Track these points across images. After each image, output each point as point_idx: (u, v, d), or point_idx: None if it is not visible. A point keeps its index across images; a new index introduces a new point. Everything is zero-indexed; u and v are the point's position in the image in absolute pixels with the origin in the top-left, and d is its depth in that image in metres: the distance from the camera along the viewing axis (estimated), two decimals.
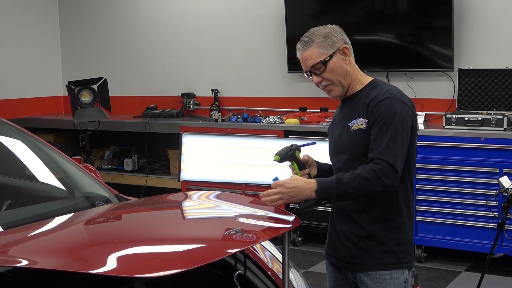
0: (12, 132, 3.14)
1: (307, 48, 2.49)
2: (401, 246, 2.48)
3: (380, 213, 2.46)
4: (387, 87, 2.49)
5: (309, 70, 2.50)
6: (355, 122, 2.47)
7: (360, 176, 2.33)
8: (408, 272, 2.51)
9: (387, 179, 2.33)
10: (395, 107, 2.40)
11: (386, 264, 2.47)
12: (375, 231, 2.46)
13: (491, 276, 4.66)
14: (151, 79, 7.10)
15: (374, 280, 2.47)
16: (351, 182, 2.34)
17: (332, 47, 2.48)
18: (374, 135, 2.40)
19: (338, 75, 2.49)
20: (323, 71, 2.48)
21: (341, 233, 2.55)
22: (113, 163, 6.93)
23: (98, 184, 3.10)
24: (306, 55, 2.49)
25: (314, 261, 5.22)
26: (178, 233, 2.28)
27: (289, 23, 6.04)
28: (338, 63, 2.49)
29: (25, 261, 1.94)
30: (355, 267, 2.52)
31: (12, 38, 7.10)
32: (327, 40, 2.48)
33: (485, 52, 5.40)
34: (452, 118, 5.05)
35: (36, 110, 7.35)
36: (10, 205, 2.70)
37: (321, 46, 2.47)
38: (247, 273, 2.52)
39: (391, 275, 2.46)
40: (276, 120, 5.86)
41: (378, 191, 2.35)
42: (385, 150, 2.34)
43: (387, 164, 2.33)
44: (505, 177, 3.71)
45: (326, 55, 2.47)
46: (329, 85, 2.51)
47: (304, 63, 2.51)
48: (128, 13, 7.17)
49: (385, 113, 2.39)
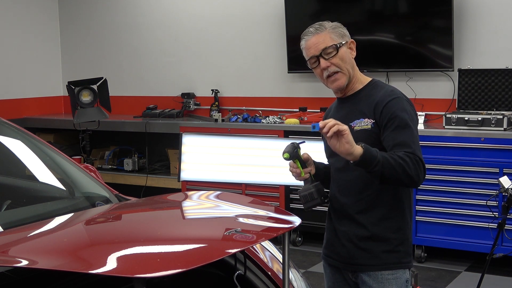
0: (12, 132, 3.14)
1: (320, 32, 2.49)
2: (403, 246, 2.49)
3: (383, 214, 2.46)
4: (390, 88, 2.51)
5: (319, 54, 2.47)
6: (359, 122, 2.46)
7: (399, 156, 2.32)
8: (407, 272, 2.52)
9: (420, 172, 2.35)
10: (404, 107, 2.43)
11: (388, 264, 2.47)
12: (378, 232, 2.46)
13: (491, 276, 4.66)
14: (151, 79, 7.10)
15: (376, 280, 2.47)
16: (392, 156, 2.32)
17: (343, 38, 2.51)
18: (391, 134, 2.39)
19: (347, 64, 2.50)
20: (334, 56, 2.47)
21: (341, 234, 2.54)
22: (113, 163, 6.93)
23: (98, 184, 3.10)
24: (318, 38, 2.48)
25: (314, 261, 5.22)
26: (178, 233, 2.28)
27: (289, 23, 6.04)
28: (347, 53, 2.51)
29: (25, 261, 1.94)
30: (356, 267, 2.51)
31: (12, 38, 7.10)
32: (337, 29, 2.52)
33: (485, 52, 5.40)
34: (452, 118, 5.05)
35: (36, 110, 7.35)
36: (10, 205, 2.70)
37: (333, 33, 2.50)
38: (247, 273, 2.52)
39: (393, 274, 2.47)
40: (276, 120, 5.86)
41: (412, 177, 2.33)
42: (413, 146, 2.37)
43: (420, 159, 2.36)
44: (505, 177, 3.71)
45: (338, 41, 2.49)
46: (337, 72, 2.48)
47: (314, 46, 2.48)
48: (128, 13, 7.17)
49: (397, 112, 2.40)
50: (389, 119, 2.40)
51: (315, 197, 2.48)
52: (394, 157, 2.32)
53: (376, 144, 2.40)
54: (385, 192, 2.46)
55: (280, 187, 5.56)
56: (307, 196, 2.50)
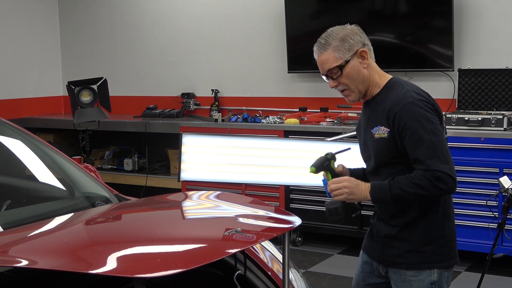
0: (12, 132, 3.14)
1: (324, 52, 2.45)
2: (431, 246, 2.46)
3: (414, 217, 2.47)
4: (403, 90, 2.44)
5: (325, 74, 2.48)
6: (377, 130, 2.44)
7: (413, 183, 2.34)
8: (438, 273, 2.47)
9: (442, 184, 2.33)
10: (416, 113, 2.36)
11: (414, 263, 2.47)
12: (405, 232, 2.47)
13: (491, 276, 4.66)
14: (151, 79, 7.10)
15: (400, 279, 2.49)
16: (406, 187, 2.35)
17: (350, 51, 2.44)
18: (408, 147, 2.37)
19: (355, 80, 2.46)
20: (339, 76, 2.45)
21: (374, 229, 2.59)
22: (113, 163, 6.93)
23: (98, 184, 3.10)
24: (322, 59, 2.46)
25: (314, 261, 5.22)
26: (178, 233, 2.28)
27: (289, 23, 6.04)
28: (355, 68, 2.45)
29: (25, 261, 1.94)
30: (386, 263, 2.55)
31: (12, 38, 7.10)
32: (344, 44, 2.43)
33: (485, 52, 5.40)
34: (452, 118, 5.05)
35: (36, 110, 7.35)
36: (10, 205, 2.70)
37: (338, 50, 2.43)
38: (247, 273, 2.52)
39: (417, 276, 2.46)
40: (276, 120, 5.86)
41: (435, 195, 2.38)
42: (428, 161, 2.32)
43: (438, 172, 2.32)
44: (505, 177, 3.71)
45: (342, 59, 2.43)
46: (346, 90, 2.49)
47: (320, 66, 2.49)
48: (128, 13, 7.17)
49: (408, 123, 2.35)
50: (401, 130, 2.37)
51: (339, 212, 2.50)
52: (405, 189, 2.34)
53: (395, 152, 2.41)
54: None
55: (280, 187, 5.56)
56: (331, 210, 2.52)
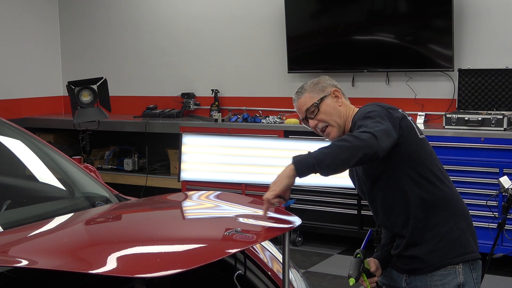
0: (12, 132, 3.14)
1: (300, 96, 2.60)
2: (444, 241, 2.46)
3: (418, 219, 2.46)
4: (361, 109, 2.51)
5: (305, 117, 2.58)
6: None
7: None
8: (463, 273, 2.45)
9: (363, 135, 2.25)
10: (367, 109, 2.45)
11: (435, 265, 2.46)
12: (414, 237, 2.47)
13: (491, 276, 4.66)
14: (151, 79, 7.10)
15: (426, 286, 2.48)
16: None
17: (323, 91, 2.58)
18: None
19: (332, 115, 2.55)
20: (317, 113, 2.55)
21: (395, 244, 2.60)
22: (113, 163, 6.93)
23: (98, 184, 3.09)
24: (300, 102, 2.60)
25: (314, 261, 5.22)
26: (178, 233, 2.28)
27: (289, 23, 6.04)
28: (330, 105, 2.56)
29: (25, 261, 1.93)
30: (408, 272, 2.54)
31: (12, 38, 7.11)
32: (317, 86, 2.59)
33: (485, 52, 5.40)
34: (452, 118, 5.05)
35: (36, 110, 7.35)
36: (10, 205, 2.70)
37: (312, 91, 2.58)
38: (247, 273, 2.52)
39: (441, 280, 2.45)
40: (276, 120, 5.86)
41: (356, 146, 2.23)
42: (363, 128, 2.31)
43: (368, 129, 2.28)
44: (505, 177, 3.72)
45: (317, 98, 2.56)
46: (326, 127, 2.56)
47: (299, 110, 2.60)
48: (128, 13, 7.17)
49: (359, 121, 2.41)
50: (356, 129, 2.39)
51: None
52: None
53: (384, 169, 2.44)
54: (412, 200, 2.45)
55: None
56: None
